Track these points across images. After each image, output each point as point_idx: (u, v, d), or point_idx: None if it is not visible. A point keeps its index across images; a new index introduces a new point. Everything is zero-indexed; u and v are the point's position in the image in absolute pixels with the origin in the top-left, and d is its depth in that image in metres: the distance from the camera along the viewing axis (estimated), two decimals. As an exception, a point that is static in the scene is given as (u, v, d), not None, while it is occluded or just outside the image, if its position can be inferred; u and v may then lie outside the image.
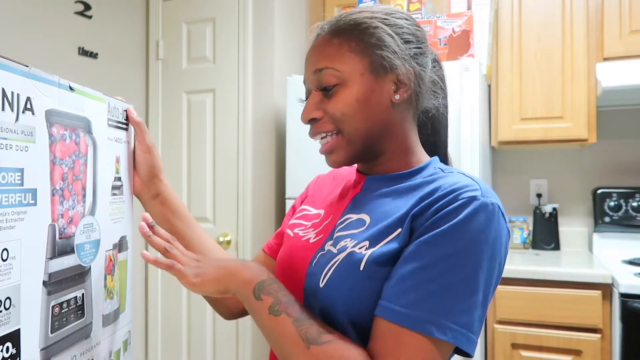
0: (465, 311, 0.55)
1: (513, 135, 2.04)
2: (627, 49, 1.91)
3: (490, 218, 0.57)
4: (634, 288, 1.57)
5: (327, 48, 0.66)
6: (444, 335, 0.54)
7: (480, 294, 0.57)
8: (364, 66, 0.65)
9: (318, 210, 0.77)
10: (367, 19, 0.66)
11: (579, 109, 1.96)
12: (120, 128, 0.75)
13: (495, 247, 0.58)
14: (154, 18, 2.33)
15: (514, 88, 2.05)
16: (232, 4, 2.16)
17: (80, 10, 2.01)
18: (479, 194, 0.59)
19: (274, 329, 0.59)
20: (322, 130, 0.67)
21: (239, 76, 2.14)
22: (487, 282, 0.58)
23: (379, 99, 0.65)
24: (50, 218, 0.57)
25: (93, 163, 0.67)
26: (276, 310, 0.59)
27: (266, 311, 0.59)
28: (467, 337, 0.55)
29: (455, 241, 0.56)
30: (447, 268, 0.55)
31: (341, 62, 0.65)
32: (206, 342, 2.17)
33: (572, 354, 1.68)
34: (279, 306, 0.59)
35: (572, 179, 2.30)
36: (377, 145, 0.68)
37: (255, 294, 0.61)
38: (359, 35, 0.66)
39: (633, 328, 1.57)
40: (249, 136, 2.11)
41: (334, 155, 0.68)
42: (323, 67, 0.66)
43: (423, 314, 0.54)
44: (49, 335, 0.57)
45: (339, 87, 0.65)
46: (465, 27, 1.87)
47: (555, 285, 1.71)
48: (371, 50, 0.65)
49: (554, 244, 2.19)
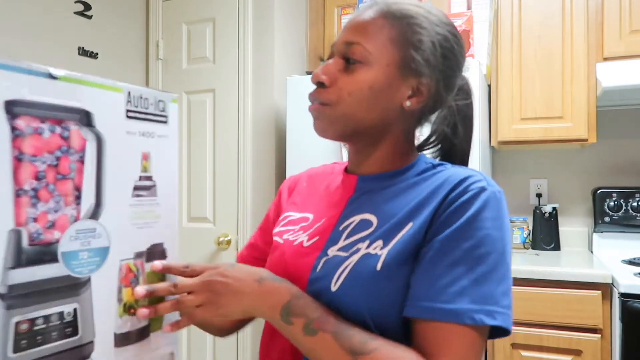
0: (503, 293, 0.57)
1: (513, 135, 2.04)
2: (627, 49, 1.91)
3: (500, 206, 0.60)
4: (634, 288, 1.57)
5: (369, 25, 0.64)
6: (494, 320, 0.55)
7: (509, 275, 0.60)
8: (393, 58, 0.63)
9: (303, 213, 0.75)
10: (419, 15, 0.64)
11: (579, 109, 1.96)
12: (151, 120, 0.65)
13: (507, 231, 0.61)
14: (154, 18, 2.33)
15: (514, 88, 2.05)
16: (232, 4, 2.16)
17: (80, 10, 2.01)
18: (485, 184, 0.61)
19: (315, 349, 0.57)
20: (322, 98, 0.65)
21: (239, 76, 2.14)
22: (509, 262, 0.60)
23: (391, 96, 0.64)
24: (12, 222, 0.51)
25: (97, 160, 0.59)
26: (311, 330, 0.57)
27: (301, 333, 0.57)
28: (509, 317, 0.58)
29: (476, 231, 0.58)
30: (476, 259, 0.57)
31: (374, 44, 0.63)
32: (206, 343, 2.17)
33: (572, 354, 1.68)
34: (313, 324, 0.57)
35: (572, 179, 2.30)
36: (368, 137, 0.67)
37: (284, 319, 0.58)
38: (404, 27, 0.63)
39: (633, 328, 1.57)
40: (249, 136, 2.11)
41: (319, 123, 0.66)
42: (355, 42, 0.63)
43: (468, 305, 0.55)
44: (9, 355, 0.50)
45: (362, 65, 0.63)
46: (465, 27, 1.87)
47: (555, 285, 1.71)
48: (407, 46, 0.63)
49: (554, 244, 2.19)
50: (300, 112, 1.98)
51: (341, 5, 2.30)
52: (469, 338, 0.55)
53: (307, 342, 0.57)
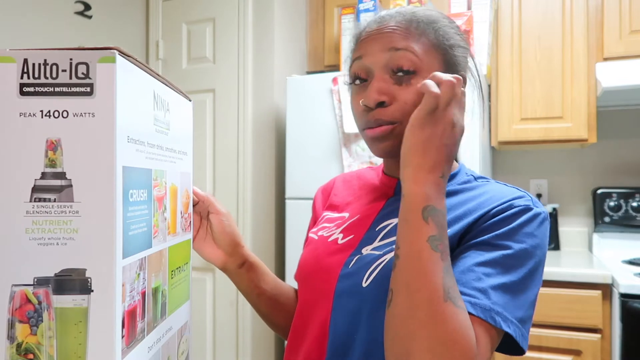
0: (522, 307, 0.57)
1: (513, 136, 2.04)
2: (627, 49, 1.91)
3: (542, 225, 0.61)
4: (634, 288, 1.57)
5: (408, 31, 0.62)
6: (508, 328, 0.55)
7: (534, 295, 0.59)
8: (439, 61, 0.63)
9: (341, 213, 0.76)
10: (440, 19, 0.65)
11: (579, 109, 1.96)
12: (61, 94, 0.45)
13: (544, 252, 0.61)
14: (154, 18, 2.33)
15: (514, 88, 2.05)
16: (232, 4, 2.16)
17: (80, 10, 2.01)
18: (531, 204, 0.62)
19: (421, 261, 0.51)
20: (385, 118, 0.61)
21: (239, 76, 2.14)
22: (538, 284, 0.60)
23: None
24: None
25: None
26: (435, 246, 0.51)
27: (424, 238, 0.51)
28: (522, 333, 0.56)
29: (514, 243, 0.58)
30: (507, 267, 0.57)
31: (421, 50, 0.62)
32: (206, 343, 2.17)
33: (572, 354, 1.68)
34: (440, 244, 0.52)
35: (572, 179, 2.30)
36: None
37: (424, 213, 0.52)
38: (435, 31, 0.63)
39: (633, 328, 1.57)
40: (249, 136, 2.11)
41: (384, 145, 0.63)
42: (403, 48, 0.61)
43: (489, 303, 0.54)
44: None
45: (414, 75, 0.61)
46: (465, 27, 1.87)
47: (555, 285, 1.71)
48: (444, 48, 0.64)
49: (554, 244, 2.19)
50: (300, 112, 1.98)
51: (341, 5, 2.30)
52: (487, 333, 0.54)
53: (420, 249, 0.51)
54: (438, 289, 0.50)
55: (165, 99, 0.56)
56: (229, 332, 2.12)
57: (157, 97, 0.54)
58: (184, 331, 0.65)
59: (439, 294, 0.50)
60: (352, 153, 1.85)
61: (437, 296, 0.50)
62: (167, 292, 0.58)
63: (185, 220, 0.66)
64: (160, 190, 0.56)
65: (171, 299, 0.60)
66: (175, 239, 0.61)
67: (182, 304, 0.64)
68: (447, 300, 0.50)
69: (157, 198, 0.55)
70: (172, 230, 0.60)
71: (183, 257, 0.65)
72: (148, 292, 0.52)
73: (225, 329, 2.13)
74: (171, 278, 0.60)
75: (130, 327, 0.47)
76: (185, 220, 0.66)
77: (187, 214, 0.67)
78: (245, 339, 2.09)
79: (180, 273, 0.64)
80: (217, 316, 2.16)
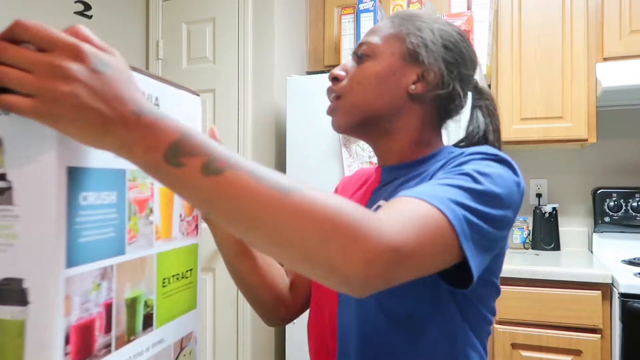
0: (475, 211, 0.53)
1: (513, 135, 2.04)
2: (627, 49, 1.91)
3: (509, 166, 0.60)
4: (634, 288, 1.57)
5: (379, 28, 0.72)
6: (441, 206, 0.50)
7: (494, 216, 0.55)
8: (397, 48, 0.69)
9: None
10: (423, 15, 0.71)
11: (578, 109, 1.96)
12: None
13: (511, 187, 0.58)
14: (154, 18, 2.33)
15: (514, 88, 2.05)
16: (232, 4, 2.16)
17: (80, 10, 2.01)
18: (498, 153, 0.61)
19: (223, 191, 0.42)
20: (336, 90, 0.71)
21: (239, 76, 2.14)
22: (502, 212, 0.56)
23: (396, 82, 0.68)
24: None
25: None
26: (215, 169, 0.42)
27: (199, 176, 0.41)
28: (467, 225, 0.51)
29: (475, 165, 0.57)
30: (464, 179, 0.55)
31: (379, 39, 0.70)
32: (206, 343, 2.17)
33: (572, 354, 1.68)
34: (216, 163, 0.42)
35: (572, 179, 2.30)
36: (381, 124, 0.70)
37: (170, 162, 0.41)
38: (407, 23, 0.70)
39: (633, 328, 1.57)
40: (249, 136, 2.11)
41: (335, 118, 0.71)
42: (364, 42, 0.71)
43: (432, 192, 0.52)
44: None
45: (369, 59, 0.69)
46: (465, 27, 1.87)
47: (555, 285, 1.71)
48: (408, 37, 0.69)
49: (554, 244, 2.19)
50: (300, 112, 1.98)
51: (341, 5, 2.30)
52: (414, 204, 0.49)
53: (209, 184, 0.42)
54: (269, 195, 0.42)
55: (148, 93, 0.53)
56: (229, 332, 2.12)
57: None
58: (186, 342, 0.61)
59: (275, 198, 0.42)
60: (352, 153, 1.85)
61: (276, 202, 0.41)
62: (154, 302, 0.54)
63: (188, 224, 0.63)
64: (143, 192, 0.52)
65: (162, 309, 0.56)
66: (169, 244, 0.58)
67: (181, 313, 0.60)
68: (289, 193, 0.42)
69: (136, 201, 0.51)
70: (164, 235, 0.57)
71: (184, 263, 0.62)
72: (118, 303, 0.48)
73: (225, 329, 2.13)
74: (162, 287, 0.56)
75: (82, 343, 0.43)
76: (188, 224, 0.63)
77: (191, 217, 0.63)
78: (245, 339, 2.09)
79: (179, 281, 0.60)
80: (217, 316, 2.16)
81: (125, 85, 0.41)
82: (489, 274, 0.64)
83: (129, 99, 0.41)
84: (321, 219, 0.41)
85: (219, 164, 0.42)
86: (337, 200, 0.43)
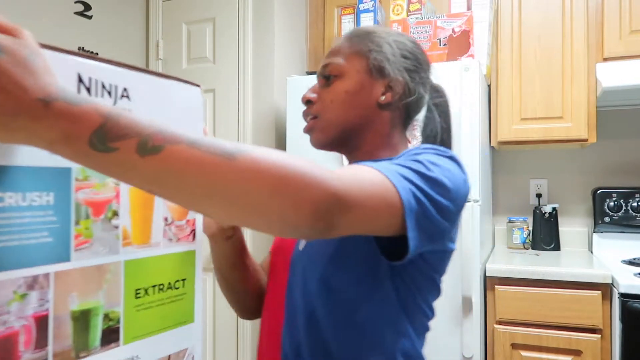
0: (423, 191, 0.58)
1: (513, 135, 2.04)
2: (627, 49, 1.91)
3: (457, 164, 0.66)
4: (634, 288, 1.57)
5: (338, 48, 0.77)
6: (392, 177, 0.55)
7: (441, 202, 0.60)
8: (361, 65, 0.74)
9: None
10: (377, 31, 0.77)
11: (578, 109, 1.96)
12: None
13: (458, 183, 0.63)
14: (154, 18, 2.33)
15: (514, 88, 2.05)
16: (232, 4, 2.16)
17: (80, 10, 2.01)
18: (449, 150, 0.67)
19: (165, 169, 0.40)
20: (310, 111, 0.76)
21: (239, 76, 2.14)
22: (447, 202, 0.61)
23: (366, 96, 0.73)
24: None
25: None
26: (153, 147, 0.40)
27: (136, 157, 0.40)
28: (414, 199, 0.56)
29: (428, 157, 0.63)
30: (417, 164, 0.60)
31: (344, 59, 0.75)
32: (206, 343, 2.17)
33: (572, 354, 1.68)
34: (152, 141, 0.40)
35: (572, 179, 2.30)
36: (356, 136, 0.75)
37: (97, 148, 0.39)
38: (366, 40, 0.75)
39: (633, 328, 1.57)
40: (249, 136, 2.11)
41: (314, 136, 0.76)
42: (329, 62, 0.75)
43: (385, 167, 0.57)
44: None
45: (337, 78, 0.74)
46: (465, 27, 1.87)
47: (555, 285, 1.71)
48: (370, 54, 0.74)
49: (554, 244, 2.19)
50: (300, 112, 1.97)
51: (341, 5, 2.30)
52: (363, 168, 0.54)
53: (149, 164, 0.40)
54: (216, 162, 0.41)
55: (117, 84, 0.49)
56: (229, 332, 2.12)
57: (94, 82, 0.47)
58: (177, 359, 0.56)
59: (223, 165, 0.42)
60: (352, 153, 1.85)
61: (224, 168, 0.41)
62: (121, 315, 0.49)
63: (179, 229, 0.57)
64: (100, 192, 0.48)
65: (135, 323, 0.51)
66: (146, 251, 0.53)
67: (167, 328, 0.55)
68: (235, 157, 0.42)
69: (90, 202, 0.47)
70: (136, 241, 0.52)
71: (172, 272, 0.56)
72: (58, 316, 0.44)
73: (225, 328, 2.13)
74: (135, 298, 0.51)
75: None
76: (179, 229, 0.57)
77: (183, 221, 0.58)
78: (245, 338, 2.09)
79: (162, 292, 0.55)
80: (217, 316, 2.16)
81: (27, 71, 0.37)
82: (431, 270, 0.68)
83: (34, 86, 0.37)
84: (271, 175, 0.42)
85: (155, 141, 0.40)
86: (283, 155, 0.44)
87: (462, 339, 1.68)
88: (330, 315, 0.67)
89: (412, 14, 2.03)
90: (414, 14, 2.02)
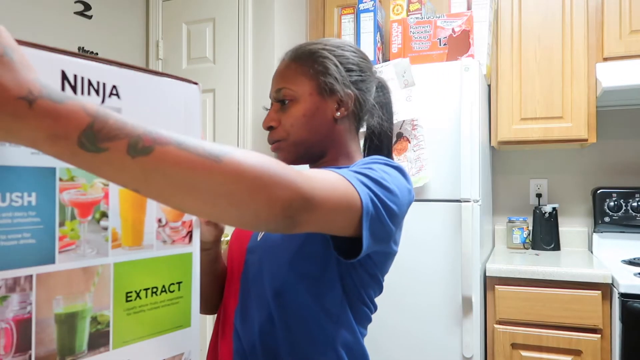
0: (378, 197, 0.64)
1: (513, 135, 2.04)
2: (627, 49, 1.91)
3: (402, 174, 0.72)
4: (634, 288, 1.57)
5: (287, 71, 0.82)
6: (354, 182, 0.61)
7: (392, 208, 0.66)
8: (312, 88, 0.80)
9: None
10: (319, 50, 0.82)
11: (578, 109, 1.96)
12: None
13: (404, 190, 0.70)
14: (154, 18, 2.33)
15: (514, 88, 2.05)
16: (232, 4, 2.16)
17: (80, 10, 2.01)
18: (394, 162, 0.73)
19: (156, 169, 0.42)
20: (275, 137, 0.81)
21: (239, 76, 2.14)
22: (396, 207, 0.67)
23: (322, 115, 0.80)
24: None
25: None
26: (143, 149, 0.41)
27: (127, 158, 0.40)
28: (372, 205, 0.62)
29: (377, 166, 0.69)
30: (371, 171, 0.66)
31: (295, 84, 0.80)
32: (207, 343, 2.17)
33: (572, 354, 1.68)
34: (142, 142, 0.41)
35: (572, 179, 2.30)
36: (318, 150, 0.82)
37: (87, 148, 0.39)
38: (311, 62, 0.81)
39: (633, 328, 1.57)
40: (249, 136, 2.11)
41: (281, 155, 0.82)
42: (282, 87, 0.80)
43: (346, 173, 0.63)
44: None
45: (292, 102, 0.80)
46: (465, 27, 1.87)
47: (555, 285, 1.71)
48: (318, 76, 0.80)
49: (554, 244, 2.19)
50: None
51: (341, 5, 2.30)
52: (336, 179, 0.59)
53: (139, 164, 0.41)
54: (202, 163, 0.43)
55: (105, 82, 0.48)
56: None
57: (80, 79, 0.46)
58: None
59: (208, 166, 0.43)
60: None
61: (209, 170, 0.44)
62: (110, 319, 0.49)
63: (173, 231, 0.56)
64: (87, 193, 0.47)
65: (126, 327, 0.50)
66: (137, 253, 0.52)
67: (162, 332, 0.54)
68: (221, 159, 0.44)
69: (75, 203, 0.46)
70: (127, 243, 0.51)
71: (167, 275, 0.55)
72: (41, 319, 0.43)
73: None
74: (126, 301, 0.50)
75: None
76: (173, 231, 0.56)
77: (179, 222, 0.57)
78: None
79: (156, 295, 0.53)
80: (217, 316, 2.16)
81: (4, 68, 0.36)
82: (376, 269, 0.76)
83: (14, 85, 0.36)
84: (252, 177, 0.46)
85: (145, 143, 0.41)
86: (262, 159, 0.48)
87: (462, 339, 1.68)
88: (279, 300, 0.74)
89: (412, 14, 2.03)
90: (414, 14, 2.02)
